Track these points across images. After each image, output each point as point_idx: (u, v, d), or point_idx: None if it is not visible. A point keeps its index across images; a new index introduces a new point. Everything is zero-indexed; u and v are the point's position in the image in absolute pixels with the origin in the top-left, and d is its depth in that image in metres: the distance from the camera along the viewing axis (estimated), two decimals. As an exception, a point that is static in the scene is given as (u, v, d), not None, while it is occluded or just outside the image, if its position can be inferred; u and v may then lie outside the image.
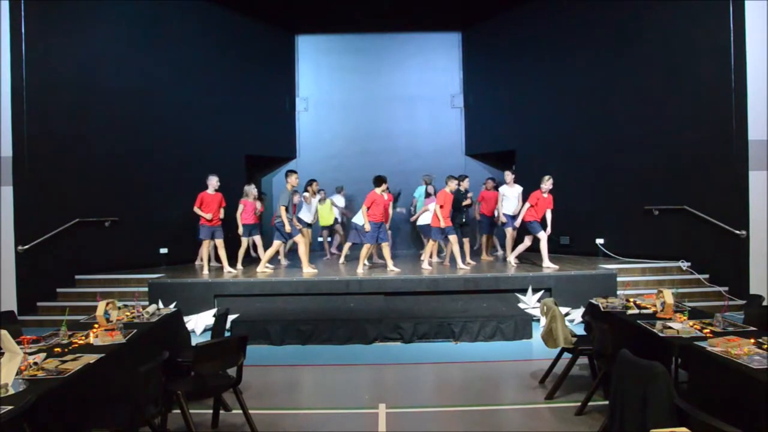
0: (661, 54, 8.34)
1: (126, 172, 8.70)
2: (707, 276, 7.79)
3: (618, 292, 6.08)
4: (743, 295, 6.98)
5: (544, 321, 4.61)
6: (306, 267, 7.72)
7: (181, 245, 9.18)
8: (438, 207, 7.67)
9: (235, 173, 10.08)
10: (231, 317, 5.93)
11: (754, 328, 3.57)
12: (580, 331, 5.03)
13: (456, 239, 7.84)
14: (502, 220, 8.50)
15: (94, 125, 8.34)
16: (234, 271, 7.83)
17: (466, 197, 8.59)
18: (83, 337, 3.62)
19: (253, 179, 9.47)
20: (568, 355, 4.37)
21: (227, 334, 5.07)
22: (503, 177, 8.83)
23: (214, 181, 7.82)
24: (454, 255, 7.97)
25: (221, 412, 3.87)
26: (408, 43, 12.19)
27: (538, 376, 4.74)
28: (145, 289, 7.16)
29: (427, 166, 11.29)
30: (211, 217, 7.68)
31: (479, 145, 11.90)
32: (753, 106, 7.34)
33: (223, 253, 7.89)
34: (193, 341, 4.82)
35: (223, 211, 7.91)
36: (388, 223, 8.12)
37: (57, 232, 7.76)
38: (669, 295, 4.08)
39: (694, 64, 7.97)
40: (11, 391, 2.51)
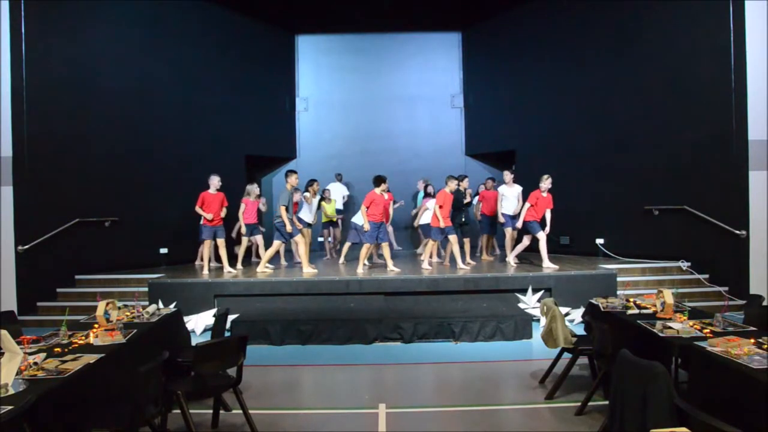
0: (661, 54, 8.34)
1: (126, 172, 8.70)
2: (707, 276, 7.79)
3: (618, 292, 6.08)
4: (743, 295, 6.97)
5: (544, 321, 4.61)
6: (306, 267, 7.72)
7: (181, 245, 9.18)
8: (437, 207, 7.67)
9: (235, 173, 10.08)
10: (231, 317, 5.93)
11: (754, 328, 3.57)
12: (580, 331, 5.03)
13: (456, 239, 7.84)
14: (501, 220, 8.49)
15: (94, 125, 8.34)
16: (234, 271, 7.83)
17: (466, 196, 8.58)
18: (83, 337, 3.62)
19: (253, 179, 9.46)
20: (568, 355, 4.37)
21: (227, 334, 5.06)
22: (503, 177, 8.83)
23: (215, 181, 7.82)
24: (454, 255, 7.97)
25: (221, 412, 3.87)
26: (408, 43, 12.20)
27: (538, 376, 4.74)
28: (145, 289, 7.16)
29: (427, 166, 11.32)
30: (212, 217, 7.68)
31: (479, 145, 11.90)
32: (753, 106, 7.34)
33: (223, 253, 7.89)
34: (193, 341, 4.82)
35: (225, 210, 7.91)
36: (388, 223, 8.11)
37: (57, 232, 7.76)
38: (669, 295, 4.08)
39: (694, 64, 7.97)
40: (11, 391, 2.51)
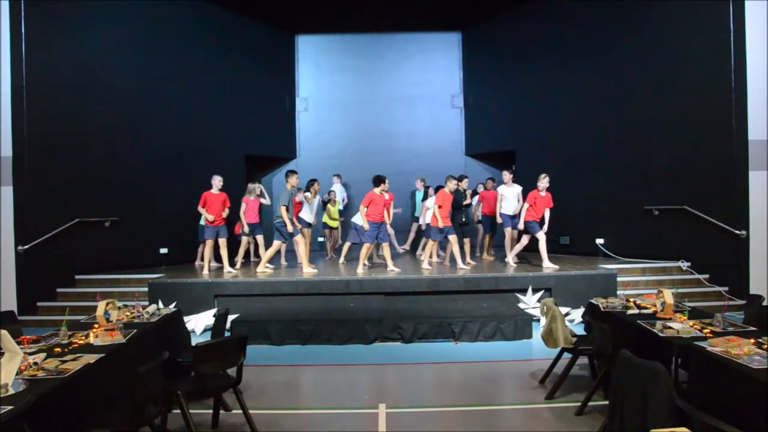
0: (662, 54, 8.34)
1: (126, 172, 8.69)
2: (707, 276, 7.79)
3: (618, 292, 6.09)
4: (743, 295, 6.97)
5: (544, 321, 4.62)
6: (306, 267, 7.72)
7: (181, 245, 9.18)
8: (436, 207, 7.67)
9: (235, 173, 10.08)
10: (231, 317, 5.93)
11: (754, 328, 3.57)
12: (580, 331, 5.03)
13: (456, 239, 7.83)
14: (498, 220, 8.49)
15: (94, 125, 8.34)
16: (234, 271, 7.83)
17: (466, 196, 8.58)
18: (83, 337, 3.62)
19: (253, 179, 9.46)
20: (568, 355, 4.37)
21: (227, 334, 5.07)
22: (502, 177, 8.82)
23: (217, 181, 7.82)
24: (453, 255, 7.97)
25: (221, 412, 3.87)
26: (408, 43, 12.20)
27: (538, 376, 4.74)
28: (145, 289, 7.16)
29: (427, 166, 11.31)
30: (213, 218, 7.68)
31: (479, 145, 11.90)
32: (753, 106, 7.35)
33: (224, 253, 7.89)
34: (193, 341, 4.82)
35: (228, 210, 7.91)
36: (389, 223, 8.11)
37: (57, 232, 7.76)
38: (669, 295, 4.08)
39: (694, 63, 7.97)
40: (11, 391, 2.51)
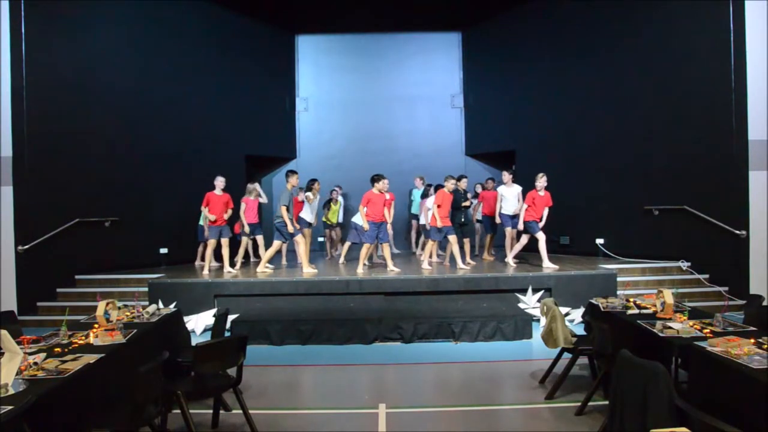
0: (661, 54, 8.34)
1: (126, 172, 8.70)
2: (707, 276, 7.79)
3: (618, 292, 6.09)
4: (743, 295, 6.97)
5: (544, 321, 4.62)
6: (306, 267, 7.72)
7: (181, 245, 9.18)
8: (435, 206, 7.67)
9: (235, 173, 10.06)
10: (231, 317, 5.93)
11: (754, 328, 3.57)
12: (580, 331, 5.03)
13: (455, 239, 7.83)
14: (497, 220, 8.49)
15: (94, 125, 8.34)
16: (234, 271, 7.83)
17: (467, 198, 8.58)
18: (83, 337, 3.62)
19: (253, 179, 9.46)
20: (568, 355, 4.37)
21: (227, 334, 5.07)
22: (502, 178, 8.81)
23: (220, 182, 7.82)
24: (453, 255, 7.97)
25: (221, 412, 3.87)
26: (408, 43, 12.20)
27: (538, 376, 4.74)
28: (145, 289, 7.16)
29: (427, 166, 11.30)
30: (215, 218, 7.69)
31: (479, 145, 11.90)
32: (753, 106, 7.34)
33: (225, 253, 7.89)
34: (193, 341, 4.82)
35: (231, 211, 7.92)
36: (390, 223, 8.10)
37: (57, 232, 7.76)
38: (669, 295, 4.08)
39: (694, 63, 7.97)
40: (11, 391, 2.51)
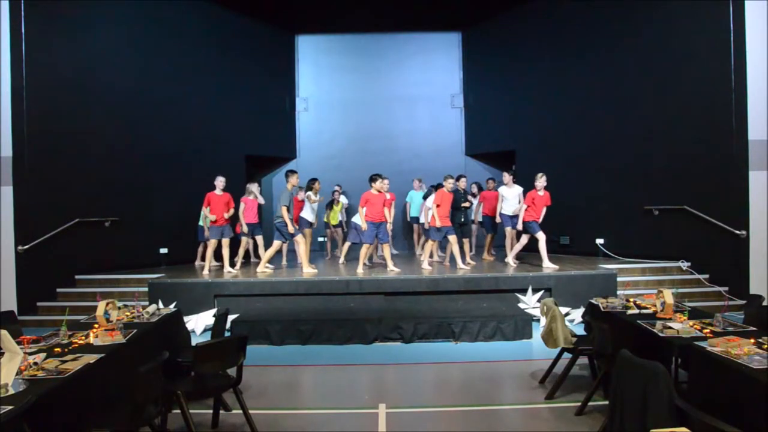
0: (661, 54, 8.34)
1: (126, 172, 8.70)
2: (707, 276, 7.78)
3: (618, 292, 6.08)
4: (743, 295, 6.97)
5: (544, 321, 4.62)
6: (306, 267, 7.72)
7: (181, 245, 9.18)
8: (434, 206, 7.66)
9: (235, 173, 10.06)
10: (231, 317, 5.93)
11: (754, 328, 3.57)
12: (580, 331, 5.03)
13: (455, 239, 7.83)
14: (498, 219, 8.49)
15: (94, 125, 8.34)
16: (234, 271, 7.83)
17: (467, 198, 8.58)
18: (83, 337, 3.62)
19: (253, 179, 9.46)
20: (568, 355, 4.37)
21: (227, 334, 5.07)
22: (502, 178, 8.80)
23: (220, 182, 7.82)
24: (453, 255, 7.97)
25: (221, 412, 3.87)
26: (408, 43, 12.20)
27: (538, 376, 4.74)
28: (145, 289, 7.16)
29: (427, 166, 11.32)
30: (215, 218, 7.69)
31: (479, 145, 11.90)
32: (753, 106, 7.34)
33: (225, 253, 7.89)
34: (193, 341, 4.82)
35: (232, 211, 7.92)
36: (390, 223, 8.10)
37: (57, 232, 7.76)
38: (669, 295, 4.08)
39: (694, 63, 7.97)
40: (11, 391, 2.51)
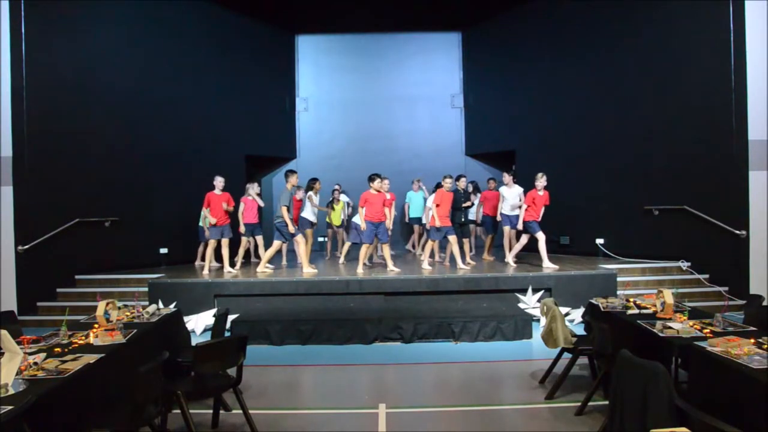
0: (661, 54, 8.34)
1: (126, 172, 8.70)
2: (707, 276, 7.78)
3: (618, 292, 6.08)
4: (743, 295, 6.97)
5: (544, 321, 4.61)
6: (306, 267, 7.72)
7: (181, 245, 9.19)
8: (434, 206, 7.66)
9: (235, 173, 10.06)
10: (231, 317, 5.93)
11: (754, 328, 3.57)
12: (580, 331, 5.03)
13: (455, 239, 7.82)
14: (498, 218, 8.50)
15: (94, 125, 8.34)
16: (234, 271, 7.83)
17: (467, 198, 8.58)
18: (83, 337, 3.62)
19: (253, 179, 9.46)
20: (568, 355, 4.37)
21: (227, 334, 5.07)
22: (502, 179, 8.80)
23: (219, 182, 7.82)
24: (453, 255, 7.97)
25: (221, 412, 3.87)
26: (408, 43, 12.20)
27: (538, 376, 4.74)
28: (145, 289, 7.16)
29: (427, 166, 11.32)
30: (215, 220, 7.69)
31: (479, 145, 11.90)
32: (753, 106, 7.34)
33: (225, 253, 7.89)
34: (193, 341, 4.82)
35: (231, 208, 7.92)
36: (390, 224, 8.10)
37: (57, 232, 7.76)
38: (669, 295, 4.08)
39: (694, 63, 7.97)
40: (11, 391, 2.51)
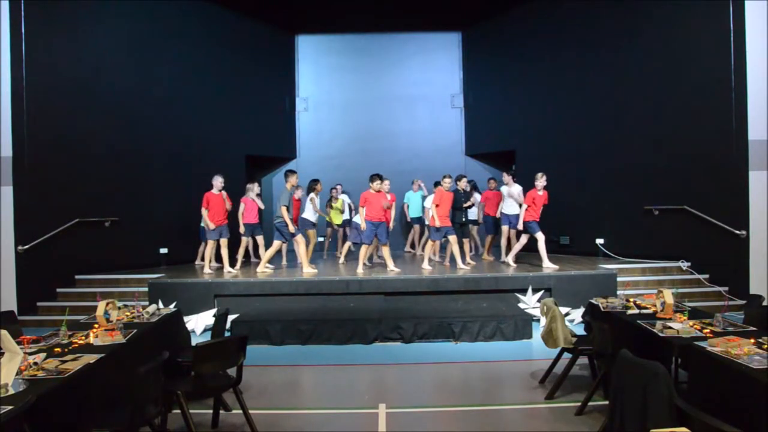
0: (661, 54, 8.34)
1: (126, 172, 8.69)
2: (707, 276, 7.78)
3: (618, 292, 6.09)
4: (743, 295, 6.97)
5: (544, 321, 4.62)
6: (306, 267, 7.72)
7: (181, 245, 9.19)
8: (433, 206, 7.66)
9: (235, 173, 10.07)
10: (231, 317, 5.93)
11: (754, 328, 3.57)
12: (580, 331, 5.04)
13: (455, 239, 7.83)
14: (497, 216, 8.51)
15: (94, 125, 8.34)
16: (234, 271, 7.83)
17: (468, 198, 8.58)
18: (83, 337, 3.62)
19: (253, 179, 9.46)
20: (568, 355, 4.37)
21: (227, 334, 5.07)
22: (502, 179, 8.80)
23: (218, 182, 7.81)
24: (453, 255, 7.97)
25: (221, 412, 3.87)
26: (408, 43, 12.20)
27: (538, 376, 4.74)
28: (145, 289, 7.16)
29: (427, 166, 11.32)
30: (213, 226, 7.69)
31: (479, 145, 11.90)
32: (753, 106, 7.34)
33: (225, 253, 7.89)
34: (193, 341, 4.82)
35: (230, 205, 7.92)
36: (390, 224, 8.11)
37: (57, 232, 7.76)
38: (669, 295, 4.08)
39: (694, 64, 7.97)
40: (11, 391, 2.51)
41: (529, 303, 7.00)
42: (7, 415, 2.23)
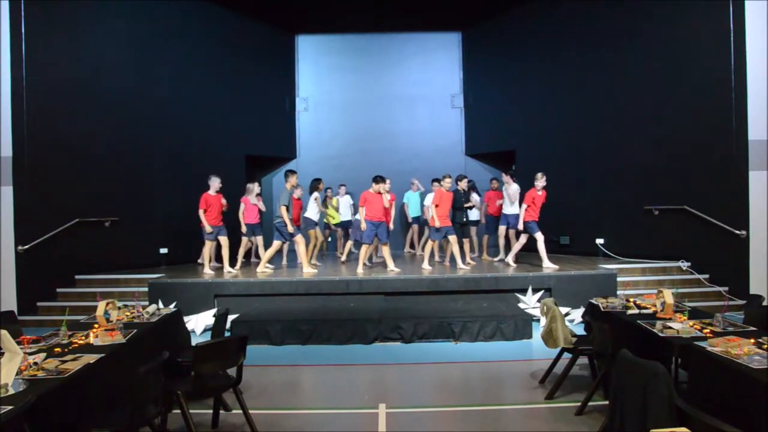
0: (661, 54, 8.34)
1: (126, 172, 8.69)
2: (707, 276, 7.78)
3: (618, 292, 6.09)
4: (743, 295, 6.97)
5: (544, 321, 4.62)
6: (306, 267, 7.72)
7: (181, 245, 9.18)
8: (433, 206, 7.66)
9: (235, 173, 10.08)
10: (231, 317, 5.93)
11: (754, 328, 3.57)
12: (580, 331, 5.04)
13: (456, 239, 7.83)
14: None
15: (94, 125, 8.34)
16: (234, 271, 7.83)
17: (468, 198, 8.58)
18: (83, 337, 3.62)
19: (254, 179, 9.46)
20: (568, 355, 4.37)
21: (227, 334, 5.07)
22: (502, 179, 8.80)
23: (216, 183, 7.81)
24: (453, 255, 7.97)
25: (221, 412, 3.87)
26: (408, 43, 12.20)
27: (538, 376, 4.74)
28: (145, 289, 7.16)
29: (427, 166, 11.31)
30: (210, 229, 7.69)
31: (479, 145, 11.90)
32: (753, 106, 7.34)
33: (225, 253, 7.89)
34: (193, 341, 4.82)
35: (226, 204, 7.91)
36: (390, 224, 8.10)
37: (57, 232, 7.76)
38: (669, 295, 4.08)
39: (694, 64, 7.97)
40: (11, 391, 2.51)
41: (529, 303, 7.00)
42: (7, 415, 2.23)
